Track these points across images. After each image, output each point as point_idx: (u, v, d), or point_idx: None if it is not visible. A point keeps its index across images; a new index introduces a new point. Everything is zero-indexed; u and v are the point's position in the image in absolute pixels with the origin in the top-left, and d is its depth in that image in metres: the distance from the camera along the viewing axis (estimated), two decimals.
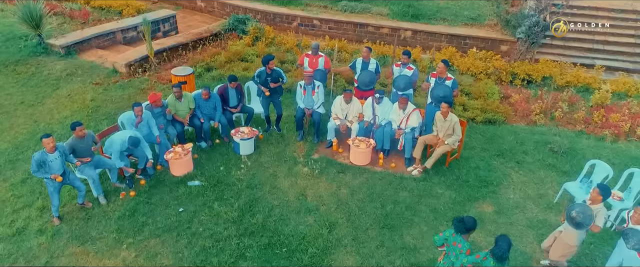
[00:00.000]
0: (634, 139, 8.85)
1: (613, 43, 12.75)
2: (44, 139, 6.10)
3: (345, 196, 7.22)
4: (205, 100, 8.06)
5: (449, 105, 7.32)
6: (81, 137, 6.51)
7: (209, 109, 8.16)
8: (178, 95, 7.85)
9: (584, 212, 5.08)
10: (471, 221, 4.82)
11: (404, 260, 6.10)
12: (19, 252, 6.13)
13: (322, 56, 8.75)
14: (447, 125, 7.45)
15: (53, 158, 6.19)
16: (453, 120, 7.42)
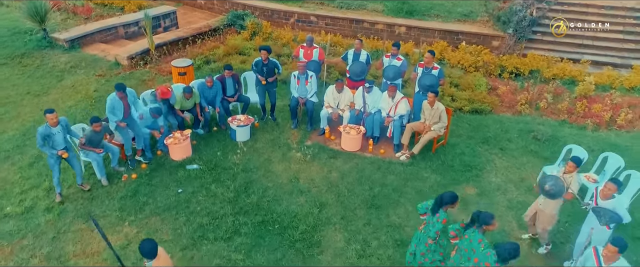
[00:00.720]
0: (614, 127, 9.23)
1: (602, 39, 13.11)
2: (47, 114, 6.46)
3: (335, 179, 7.61)
4: (209, 88, 8.44)
5: (435, 94, 7.71)
6: (97, 131, 6.97)
7: (211, 97, 8.53)
8: (188, 96, 8.18)
9: (556, 183, 5.48)
10: (449, 195, 5.19)
11: (389, 236, 6.49)
12: (27, 228, 6.53)
13: (316, 48, 9.15)
14: (434, 113, 7.83)
15: (56, 131, 6.55)
16: (439, 109, 7.81)
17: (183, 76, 9.55)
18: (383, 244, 6.37)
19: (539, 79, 10.79)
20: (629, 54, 12.64)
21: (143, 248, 4.45)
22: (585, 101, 9.81)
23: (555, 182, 5.53)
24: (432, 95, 7.66)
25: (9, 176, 7.50)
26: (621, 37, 13.12)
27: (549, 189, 5.51)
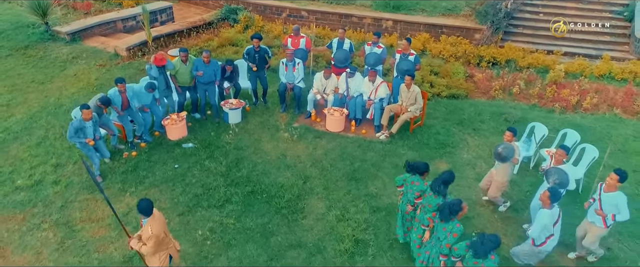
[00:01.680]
0: (580, 110, 9.94)
1: (579, 32, 13.81)
2: (83, 110, 6.99)
3: (319, 155, 8.29)
4: (206, 66, 8.65)
5: (411, 77, 8.38)
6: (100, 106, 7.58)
7: (209, 75, 8.72)
8: (184, 58, 8.63)
9: (506, 147, 6.19)
10: (420, 164, 5.86)
11: (366, 204, 7.17)
12: (37, 198, 7.17)
13: (303, 37, 9.81)
14: (410, 95, 8.51)
15: (88, 125, 7.09)
16: (415, 91, 8.48)
17: None
18: (360, 210, 7.05)
19: (513, 67, 11.50)
20: (604, 46, 13.33)
21: (140, 206, 5.02)
22: (554, 87, 10.51)
23: (506, 146, 6.25)
24: (409, 78, 8.33)
25: (19, 154, 8.14)
26: (597, 30, 13.82)
27: (502, 151, 6.22)
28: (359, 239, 6.52)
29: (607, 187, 5.69)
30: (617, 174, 5.55)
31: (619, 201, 5.54)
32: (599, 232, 5.79)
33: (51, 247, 6.34)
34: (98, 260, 6.16)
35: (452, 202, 5.22)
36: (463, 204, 5.18)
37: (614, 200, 5.57)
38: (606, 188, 5.70)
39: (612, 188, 5.62)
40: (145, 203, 5.03)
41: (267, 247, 6.38)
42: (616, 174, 5.56)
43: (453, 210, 5.17)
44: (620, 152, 8.56)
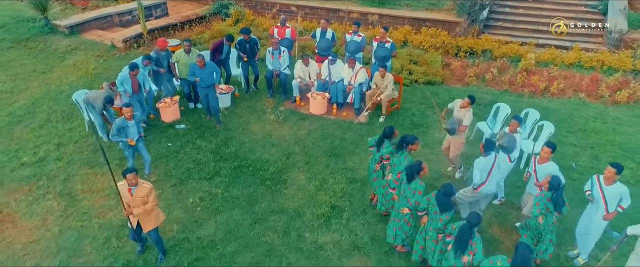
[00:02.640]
0: (548, 95, 10.66)
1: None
2: (124, 108, 7.12)
3: (303, 135, 8.96)
4: (201, 70, 8.63)
5: (385, 68, 9.04)
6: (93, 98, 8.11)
7: (207, 79, 8.67)
8: (187, 48, 9.06)
9: (451, 122, 6.90)
10: (386, 129, 6.58)
11: (343, 176, 7.85)
12: (42, 173, 7.82)
13: (289, 27, 10.49)
14: (385, 83, 9.15)
15: (130, 124, 7.18)
16: (388, 79, 9.11)
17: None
18: (338, 181, 7.73)
19: (489, 57, 12.21)
20: (579, 38, 14.05)
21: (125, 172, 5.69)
22: (525, 74, 11.23)
23: (450, 122, 6.96)
24: (383, 69, 8.97)
25: (23, 135, 8.78)
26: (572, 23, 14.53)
27: (446, 126, 6.94)
28: (335, 205, 7.20)
29: (541, 159, 6.23)
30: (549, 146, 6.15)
31: (551, 169, 6.06)
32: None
33: (56, 214, 6.99)
34: (98, 224, 6.81)
35: (413, 164, 5.91)
36: (423, 164, 5.87)
37: (546, 170, 6.11)
38: (540, 160, 6.25)
39: (545, 160, 6.19)
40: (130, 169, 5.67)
41: (251, 213, 7.05)
42: (548, 147, 6.15)
43: (415, 170, 5.86)
44: (580, 131, 9.28)
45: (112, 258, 6.27)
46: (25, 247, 6.45)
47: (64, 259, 6.24)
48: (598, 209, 5.91)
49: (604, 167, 7.69)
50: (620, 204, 5.83)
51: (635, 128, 9.43)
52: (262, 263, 6.24)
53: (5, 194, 7.38)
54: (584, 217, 6.20)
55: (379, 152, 6.64)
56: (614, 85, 10.83)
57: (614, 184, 5.79)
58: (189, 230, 6.73)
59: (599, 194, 5.85)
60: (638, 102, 10.30)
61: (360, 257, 6.36)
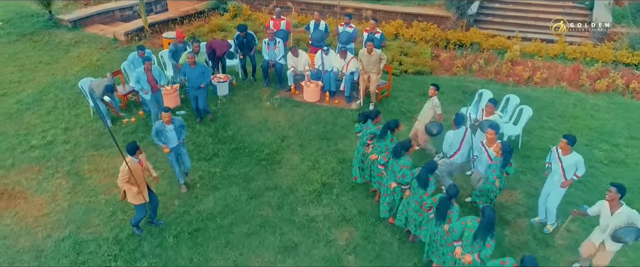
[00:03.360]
0: (531, 84, 11.18)
1: (543, 19, 15.04)
2: (162, 113, 6.96)
3: (297, 120, 9.46)
4: (191, 69, 8.67)
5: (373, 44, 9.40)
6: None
7: (196, 79, 8.68)
8: (197, 50, 9.17)
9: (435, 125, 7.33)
10: (371, 112, 7.07)
11: (334, 157, 8.36)
12: (50, 154, 8.31)
13: (284, 19, 10.99)
14: (371, 58, 9.24)
15: (168, 129, 7.01)
16: (377, 53, 9.28)
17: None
18: (329, 161, 8.24)
19: (477, 49, 12.72)
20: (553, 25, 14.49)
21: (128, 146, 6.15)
22: (510, 64, 11.74)
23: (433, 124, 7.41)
24: (371, 43, 9.19)
25: (32, 120, 9.26)
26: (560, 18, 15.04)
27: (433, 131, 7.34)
28: (326, 183, 7.70)
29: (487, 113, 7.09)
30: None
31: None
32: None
33: (64, 191, 7.48)
34: (105, 200, 7.30)
35: (403, 141, 6.43)
36: (413, 142, 6.41)
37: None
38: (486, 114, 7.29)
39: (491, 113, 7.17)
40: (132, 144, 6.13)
41: (247, 189, 7.55)
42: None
43: (405, 147, 6.38)
44: (560, 117, 9.79)
45: (118, 229, 6.76)
46: (36, 219, 6.93)
47: (73, 230, 6.73)
48: (557, 176, 6.45)
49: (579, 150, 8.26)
50: (576, 172, 6.37)
51: (612, 114, 9.95)
52: (257, 233, 6.73)
53: (17, 173, 7.86)
54: (546, 187, 6.75)
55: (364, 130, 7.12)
56: (595, 74, 11.35)
57: (570, 154, 6.30)
58: (189, 205, 7.23)
59: (558, 164, 6.38)
60: (616, 90, 10.82)
61: (348, 228, 6.86)
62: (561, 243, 6.68)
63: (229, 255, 6.38)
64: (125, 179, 6.06)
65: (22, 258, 6.29)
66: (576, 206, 6.97)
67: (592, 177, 8.01)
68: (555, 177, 6.49)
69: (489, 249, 5.25)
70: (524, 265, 4.73)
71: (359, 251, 6.48)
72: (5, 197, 7.35)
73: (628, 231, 5.34)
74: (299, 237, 6.69)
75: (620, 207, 5.51)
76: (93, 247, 6.47)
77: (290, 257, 6.38)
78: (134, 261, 6.27)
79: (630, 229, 5.35)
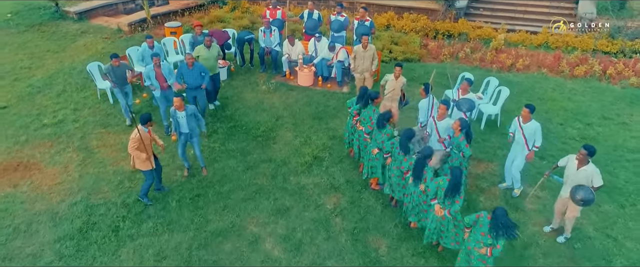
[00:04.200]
0: (514, 71, 11.82)
1: (531, 12, 15.67)
2: (174, 97, 7.12)
3: (291, 102, 10.09)
4: (189, 70, 8.41)
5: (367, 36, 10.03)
6: (116, 66, 8.40)
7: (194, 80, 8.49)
8: (208, 43, 8.97)
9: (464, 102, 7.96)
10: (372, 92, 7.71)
11: (325, 134, 8.99)
12: (61, 132, 8.94)
13: (279, 9, 11.63)
14: (367, 54, 10.10)
15: (180, 115, 7.20)
16: (372, 49, 9.96)
17: (174, 35, 11.97)
18: (320, 138, 8.87)
19: (464, 38, 13.35)
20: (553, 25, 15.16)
21: (141, 116, 6.81)
22: (494, 52, 12.38)
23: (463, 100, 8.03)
24: (365, 37, 9.68)
25: (43, 102, 9.90)
26: (547, 11, 15.68)
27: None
28: (317, 156, 8.34)
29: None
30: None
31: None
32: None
33: (75, 163, 8.11)
34: (113, 171, 7.94)
35: (384, 113, 7.07)
36: (392, 112, 7.03)
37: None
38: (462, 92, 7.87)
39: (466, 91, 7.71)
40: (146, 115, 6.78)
41: (244, 162, 8.19)
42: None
43: (385, 118, 7.01)
44: (539, 100, 10.41)
45: (126, 195, 7.39)
46: (51, 187, 7.56)
47: (84, 196, 7.36)
48: (520, 144, 7.13)
49: (554, 128, 8.91)
50: (536, 144, 7.03)
51: (588, 97, 10.59)
52: (252, 199, 7.37)
53: (31, 148, 8.49)
54: (510, 154, 7.43)
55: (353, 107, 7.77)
56: (574, 62, 11.99)
57: (530, 122, 6.95)
58: (190, 175, 7.86)
59: (520, 132, 7.06)
60: (593, 76, 11.45)
61: (336, 195, 7.49)
62: (530, 207, 7.31)
63: (227, 217, 7.01)
64: (135, 146, 6.68)
65: (39, 219, 6.92)
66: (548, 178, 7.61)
67: (565, 152, 8.59)
68: (518, 145, 7.17)
69: (457, 205, 5.88)
70: (495, 215, 5.31)
71: (345, 214, 7.11)
72: (21, 168, 7.98)
73: (578, 189, 5.97)
74: (290, 202, 7.33)
75: (586, 164, 6.13)
76: (103, 210, 7.10)
77: (283, 219, 7.01)
78: (140, 221, 6.90)
79: (581, 187, 5.98)
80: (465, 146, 6.78)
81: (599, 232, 6.86)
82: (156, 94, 8.57)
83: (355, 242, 6.63)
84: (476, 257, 5.55)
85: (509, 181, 7.58)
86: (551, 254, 6.50)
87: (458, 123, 6.78)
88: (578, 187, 6.03)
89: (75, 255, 6.34)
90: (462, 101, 7.91)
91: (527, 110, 6.90)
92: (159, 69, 8.36)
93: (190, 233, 6.71)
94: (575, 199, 6.04)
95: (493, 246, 5.30)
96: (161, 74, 8.39)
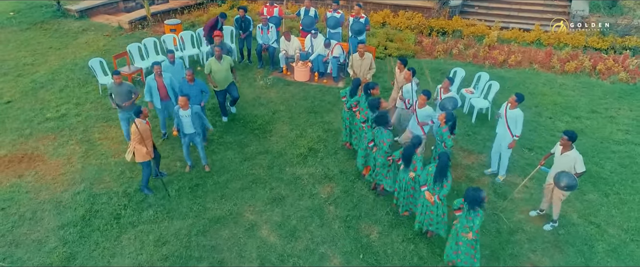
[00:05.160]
0: (506, 66, 12.08)
1: (525, 10, 15.94)
2: (180, 96, 7.26)
3: (288, 97, 10.36)
4: (190, 86, 8.03)
5: (363, 43, 10.31)
6: (118, 84, 7.83)
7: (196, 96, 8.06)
8: (218, 55, 8.47)
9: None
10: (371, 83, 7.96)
11: (320, 127, 9.26)
12: (64, 125, 9.20)
13: (276, 6, 11.90)
14: (364, 63, 9.37)
15: (183, 114, 7.27)
16: (369, 58, 9.45)
17: (174, 32, 12.23)
18: (315, 131, 9.14)
19: (458, 35, 13.62)
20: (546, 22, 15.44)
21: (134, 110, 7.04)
22: (487, 49, 12.64)
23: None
24: (362, 45, 9.34)
25: (46, 97, 10.17)
26: (541, 9, 15.94)
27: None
28: (312, 148, 8.61)
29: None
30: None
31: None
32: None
33: (78, 155, 8.38)
34: (114, 162, 8.20)
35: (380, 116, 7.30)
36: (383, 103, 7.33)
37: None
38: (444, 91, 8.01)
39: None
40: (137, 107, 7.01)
41: (241, 153, 8.45)
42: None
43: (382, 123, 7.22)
44: (529, 94, 10.66)
45: (127, 185, 7.66)
46: (54, 178, 7.83)
47: (87, 186, 7.62)
48: (502, 128, 7.48)
49: (544, 122, 9.18)
50: (516, 133, 7.34)
51: (577, 92, 10.86)
52: (249, 188, 7.64)
53: (35, 141, 8.76)
54: (496, 140, 7.75)
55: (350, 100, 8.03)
56: (565, 58, 12.25)
57: (515, 109, 7.30)
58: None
59: (503, 118, 7.40)
60: (583, 72, 11.72)
61: (330, 184, 7.76)
62: (518, 196, 7.57)
63: (225, 205, 7.28)
64: (137, 140, 6.94)
65: (44, 207, 7.19)
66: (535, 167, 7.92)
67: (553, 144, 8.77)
68: (501, 129, 7.53)
69: (445, 189, 6.14)
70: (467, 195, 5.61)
71: (339, 202, 7.38)
72: (25, 159, 8.25)
73: (562, 176, 6.25)
74: (286, 191, 7.60)
75: (570, 150, 6.41)
76: (105, 199, 7.36)
77: (278, 207, 7.28)
78: (141, 209, 7.17)
79: (564, 174, 6.26)
80: (448, 136, 7.06)
81: (583, 219, 7.12)
82: (157, 104, 8.34)
83: (348, 228, 6.89)
84: (464, 243, 5.82)
85: (494, 167, 7.90)
86: (536, 240, 6.76)
87: (443, 116, 7.06)
88: (561, 174, 6.30)
89: (78, 241, 6.60)
90: (445, 100, 8.11)
91: (515, 97, 7.23)
92: (161, 78, 8.06)
93: (189, 220, 6.97)
94: (559, 185, 6.31)
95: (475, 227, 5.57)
96: (163, 84, 8.09)
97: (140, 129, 6.89)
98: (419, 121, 7.64)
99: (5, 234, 6.70)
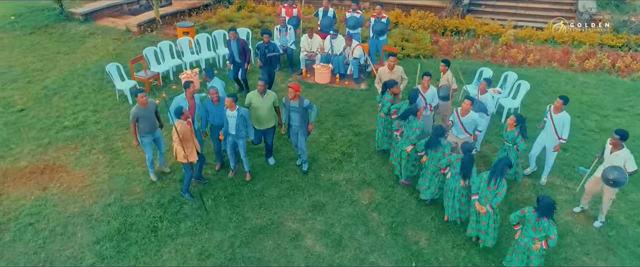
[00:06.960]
0: (525, 65, 12.00)
1: (533, 8, 15.91)
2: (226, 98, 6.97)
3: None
4: (215, 106, 7.26)
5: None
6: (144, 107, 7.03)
7: (220, 118, 7.26)
8: (261, 89, 7.22)
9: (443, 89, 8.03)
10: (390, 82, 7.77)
11: (350, 131, 9.04)
12: (84, 134, 8.84)
13: (295, 7, 11.65)
14: (395, 76, 8.52)
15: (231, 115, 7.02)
16: (399, 71, 8.72)
17: (187, 34, 11.91)
18: (345, 135, 8.92)
19: (472, 34, 13.51)
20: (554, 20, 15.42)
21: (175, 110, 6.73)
22: (504, 47, 12.55)
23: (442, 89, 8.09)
24: (393, 58, 8.54)
25: (61, 104, 9.78)
26: (548, 7, 15.94)
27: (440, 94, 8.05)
28: (345, 152, 8.39)
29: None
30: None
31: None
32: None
33: (103, 165, 8.04)
34: (142, 171, 7.88)
35: (411, 107, 7.14)
36: (420, 106, 7.10)
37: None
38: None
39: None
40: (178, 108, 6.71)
41: (274, 159, 8.19)
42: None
43: (412, 112, 7.09)
44: (553, 93, 10.59)
45: (159, 195, 7.35)
46: (81, 189, 7.49)
47: (117, 197, 7.30)
48: (549, 134, 7.32)
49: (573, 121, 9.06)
50: (563, 136, 7.21)
51: (600, 90, 10.81)
52: (287, 195, 7.39)
53: (55, 150, 8.39)
54: (538, 140, 7.63)
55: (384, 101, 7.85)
56: (583, 56, 12.22)
57: (561, 113, 7.15)
58: (221, 173, 7.85)
59: (549, 121, 7.26)
60: (603, 69, 11.69)
61: (369, 190, 7.55)
62: (561, 198, 7.45)
63: (265, 214, 7.02)
64: (177, 142, 6.65)
65: (74, 221, 6.85)
66: (572, 167, 7.86)
67: (586, 143, 8.83)
68: (546, 134, 7.42)
69: (500, 197, 5.96)
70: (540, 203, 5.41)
71: (381, 208, 7.17)
72: (47, 171, 7.89)
73: (612, 169, 6.13)
74: (325, 198, 7.36)
75: (620, 149, 6.30)
76: (138, 210, 7.05)
77: (320, 215, 7.04)
78: (178, 221, 6.87)
79: (615, 168, 6.13)
80: (521, 140, 6.97)
81: (630, 220, 7.02)
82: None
83: (395, 236, 6.69)
84: (535, 254, 5.61)
85: (533, 164, 7.85)
86: (587, 242, 6.63)
87: (513, 118, 6.99)
88: (612, 168, 6.17)
89: (116, 256, 6.29)
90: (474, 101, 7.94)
91: (561, 101, 7.09)
92: (193, 101, 7.36)
93: (230, 231, 6.70)
94: (606, 178, 6.19)
95: (547, 237, 5.40)
96: (194, 104, 7.41)
97: (179, 130, 6.60)
98: (467, 131, 7.43)
99: (38, 251, 6.35)
